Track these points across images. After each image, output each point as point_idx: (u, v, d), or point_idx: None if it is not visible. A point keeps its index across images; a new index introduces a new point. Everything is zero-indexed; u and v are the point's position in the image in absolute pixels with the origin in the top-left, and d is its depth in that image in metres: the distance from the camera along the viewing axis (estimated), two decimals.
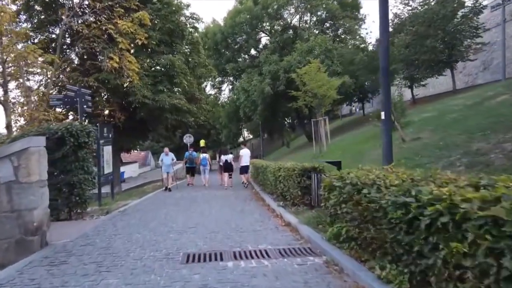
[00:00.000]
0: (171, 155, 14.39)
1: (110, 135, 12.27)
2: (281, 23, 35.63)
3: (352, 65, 27.98)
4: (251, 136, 70.14)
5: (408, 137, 12.71)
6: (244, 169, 16.25)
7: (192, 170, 17.69)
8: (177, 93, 16.12)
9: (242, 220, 7.65)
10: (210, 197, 12.35)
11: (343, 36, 34.39)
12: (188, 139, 25.65)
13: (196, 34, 19.47)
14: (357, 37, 35.55)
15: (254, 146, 51.79)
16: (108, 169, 11.83)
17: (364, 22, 35.81)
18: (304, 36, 31.35)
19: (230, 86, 41.20)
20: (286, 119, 48.31)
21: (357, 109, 48.78)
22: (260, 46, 38.52)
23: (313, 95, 18.98)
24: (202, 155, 17.65)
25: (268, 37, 38.88)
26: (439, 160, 8.68)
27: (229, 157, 16.44)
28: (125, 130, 17.83)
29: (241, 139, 69.11)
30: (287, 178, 8.70)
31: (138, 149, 32.93)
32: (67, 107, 13.81)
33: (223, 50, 37.22)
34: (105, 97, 16.41)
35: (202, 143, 26.39)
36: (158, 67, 16.18)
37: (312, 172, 7.46)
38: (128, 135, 17.69)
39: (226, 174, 16.45)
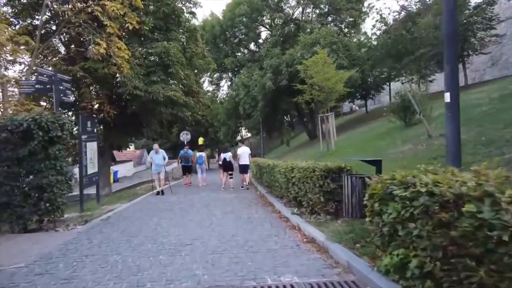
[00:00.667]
0: (162, 152, 12.60)
1: (95, 130, 10.73)
2: (282, 15, 34.03)
3: (356, 60, 26.56)
4: (249, 135, 68.59)
5: (434, 133, 11.23)
6: (243, 169, 14.73)
7: (188, 169, 16.64)
8: (173, 85, 14.52)
9: (251, 233, 6.12)
10: (209, 200, 10.83)
11: (346, 30, 32.84)
12: (185, 136, 24.10)
13: (193, 21, 17.86)
14: (361, 32, 34.11)
15: (253, 144, 50.23)
16: (92, 168, 10.28)
17: (368, 16, 34.13)
18: (307, 29, 29.78)
19: (229, 83, 39.48)
20: (285, 117, 46.91)
21: (357, 107, 47.35)
22: (260, 40, 36.94)
23: (320, 88, 17.45)
24: (199, 154, 16.50)
25: (268, 31, 37.34)
26: (486, 157, 7.19)
27: (228, 155, 14.93)
28: (116, 126, 16.26)
29: (238, 137, 67.72)
30: (304, 180, 7.17)
31: (132, 147, 31.29)
32: (43, 96, 12.22)
33: (222, 45, 35.59)
34: (93, 89, 14.84)
35: (200, 141, 25.03)
36: (151, 57, 14.58)
37: (343, 174, 5.92)
38: (119, 131, 16.12)
39: (226, 174, 14.96)
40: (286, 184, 8.73)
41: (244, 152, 14.91)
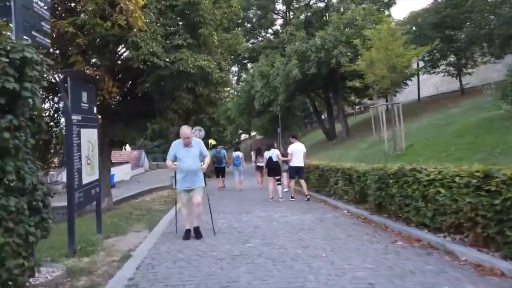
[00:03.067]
0: (199, 145, 6.14)
1: (94, 108, 6.36)
2: None
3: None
4: (246, 136, 63.87)
5: None
6: (296, 171, 10.58)
7: (221, 171, 14.72)
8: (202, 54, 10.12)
9: None
10: (281, 226, 6.54)
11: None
12: (198, 133, 19.89)
13: None
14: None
15: (254, 146, 45.63)
16: (91, 174, 5.92)
17: None
18: (337, 9, 25.63)
19: (243, 75, 34.79)
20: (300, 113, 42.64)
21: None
22: (276, 26, 32.64)
23: (390, 68, 13.23)
24: (235, 153, 14.35)
25: (282, 18, 33.14)
26: None
27: (275, 153, 10.72)
28: (119, 114, 11.85)
29: (243, 137, 62.99)
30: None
31: (127, 147, 26.57)
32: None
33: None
34: (88, 57, 10.41)
35: (212, 141, 22.52)
36: (171, 13, 10.23)
37: None
38: (123, 122, 11.67)
39: (272, 179, 10.71)
40: (432, 201, 4.58)
41: (299, 151, 10.78)
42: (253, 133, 58.35)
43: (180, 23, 10.57)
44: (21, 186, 2.88)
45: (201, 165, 6.02)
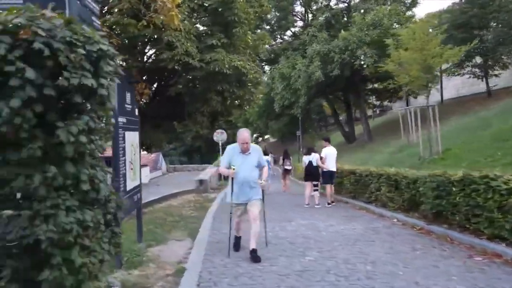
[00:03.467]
0: (257, 152, 5.34)
1: (136, 109, 6.07)
2: None
3: None
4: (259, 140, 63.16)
5: None
6: (329, 177, 10.18)
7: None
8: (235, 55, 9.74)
9: None
10: (332, 237, 6.09)
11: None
12: (220, 136, 19.58)
13: None
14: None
15: (269, 149, 44.78)
16: (134, 180, 5.59)
17: None
18: (362, 9, 25.10)
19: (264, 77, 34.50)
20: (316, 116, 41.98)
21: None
22: (295, 28, 32.23)
23: (425, 68, 12.67)
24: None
25: (301, 20, 32.73)
26: None
27: (315, 158, 10.28)
28: (147, 116, 11.53)
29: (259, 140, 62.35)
30: None
31: (156, 149, 26.24)
32: None
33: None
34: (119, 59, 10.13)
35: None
36: (205, 13, 9.90)
37: None
38: (152, 125, 11.36)
39: (309, 184, 10.28)
40: None
41: (332, 155, 10.36)
42: (266, 136, 57.86)
43: (212, 23, 10.21)
44: (95, 197, 2.51)
45: (261, 181, 5.09)
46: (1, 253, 2.15)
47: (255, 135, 47.56)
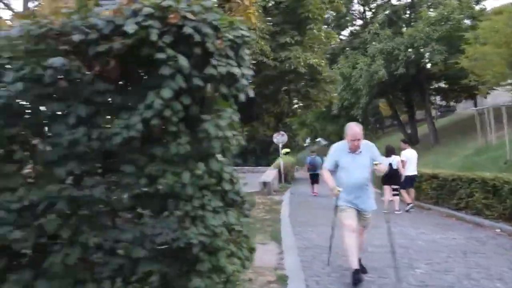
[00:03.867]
0: (373, 151, 4.26)
1: None
2: None
3: None
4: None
5: None
6: (410, 181, 9.46)
7: (316, 178, 14.41)
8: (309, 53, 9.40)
9: None
10: (434, 247, 5.50)
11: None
12: (280, 138, 19.31)
13: None
14: None
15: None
16: None
17: None
18: (428, 4, 23.68)
19: None
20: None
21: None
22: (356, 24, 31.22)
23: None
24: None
25: (360, 18, 31.65)
26: None
27: (396, 160, 9.54)
28: None
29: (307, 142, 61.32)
30: None
31: None
32: None
33: None
34: None
35: (284, 151, 21.73)
36: (277, 11, 9.67)
37: None
38: None
39: (388, 188, 9.49)
40: None
41: (413, 157, 9.65)
42: (317, 139, 56.76)
43: (284, 20, 9.98)
44: (234, 197, 2.29)
45: (376, 164, 4.08)
46: (149, 257, 1.98)
47: (308, 138, 46.87)
